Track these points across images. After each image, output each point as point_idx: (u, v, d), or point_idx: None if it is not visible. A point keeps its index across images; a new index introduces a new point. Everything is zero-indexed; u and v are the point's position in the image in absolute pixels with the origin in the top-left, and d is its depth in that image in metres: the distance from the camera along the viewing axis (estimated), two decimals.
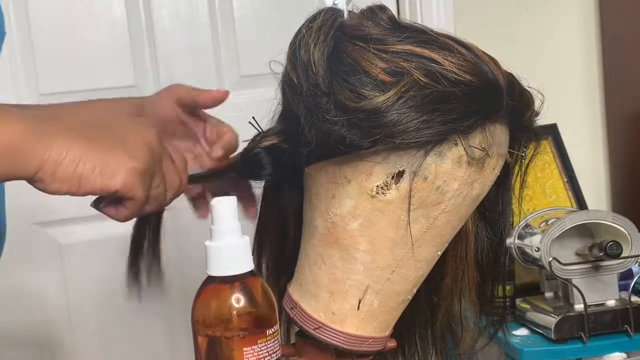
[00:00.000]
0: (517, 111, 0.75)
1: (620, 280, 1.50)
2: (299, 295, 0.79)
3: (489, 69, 0.72)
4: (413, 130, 0.69)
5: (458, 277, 0.83)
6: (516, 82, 0.76)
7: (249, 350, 0.64)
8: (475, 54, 0.73)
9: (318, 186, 0.75)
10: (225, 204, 0.65)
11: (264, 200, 0.86)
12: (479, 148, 0.72)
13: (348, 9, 0.77)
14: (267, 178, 0.84)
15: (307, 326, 0.78)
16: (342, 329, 0.77)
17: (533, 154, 0.81)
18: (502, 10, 2.00)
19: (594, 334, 1.45)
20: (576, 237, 1.48)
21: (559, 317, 1.46)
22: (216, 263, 0.65)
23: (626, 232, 1.43)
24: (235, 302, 0.65)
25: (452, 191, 0.72)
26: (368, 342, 0.78)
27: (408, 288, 0.78)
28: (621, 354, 1.46)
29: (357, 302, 0.76)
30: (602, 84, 2.05)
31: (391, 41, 0.72)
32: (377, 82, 0.70)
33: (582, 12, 2.04)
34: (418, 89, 0.69)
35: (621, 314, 1.46)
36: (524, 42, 1.98)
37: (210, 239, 0.65)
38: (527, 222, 1.54)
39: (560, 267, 1.44)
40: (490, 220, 0.82)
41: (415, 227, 0.73)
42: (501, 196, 0.82)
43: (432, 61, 0.70)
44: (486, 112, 0.72)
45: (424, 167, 0.71)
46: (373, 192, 0.72)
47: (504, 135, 0.75)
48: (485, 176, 0.74)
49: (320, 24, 0.74)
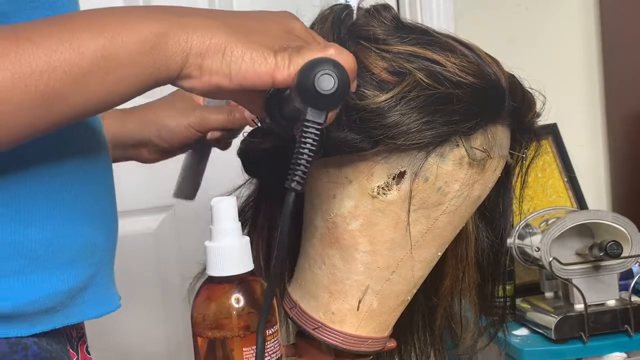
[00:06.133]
0: (518, 113, 0.75)
1: (621, 280, 1.50)
2: (298, 295, 0.79)
3: (492, 70, 0.72)
4: (415, 131, 0.69)
5: (458, 277, 0.83)
6: (518, 83, 0.76)
7: (249, 351, 0.64)
8: (478, 55, 0.73)
9: (319, 186, 0.75)
10: (225, 204, 0.65)
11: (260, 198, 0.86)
12: (481, 149, 0.72)
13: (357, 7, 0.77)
14: (266, 178, 0.84)
15: (306, 326, 0.78)
16: (342, 329, 0.77)
17: (534, 155, 0.81)
18: (502, 10, 2.00)
19: (594, 334, 1.45)
20: (576, 237, 1.48)
21: (559, 317, 1.45)
22: (216, 263, 0.65)
23: (626, 232, 1.43)
24: (235, 302, 0.65)
25: (453, 192, 0.72)
26: (367, 343, 0.78)
27: (408, 288, 0.78)
28: (621, 354, 1.46)
29: (356, 302, 0.76)
30: (602, 84, 2.04)
31: (394, 41, 0.72)
32: (378, 82, 0.70)
33: (582, 12, 2.03)
34: (420, 89, 0.69)
35: (621, 314, 1.46)
36: (524, 42, 1.98)
37: (210, 239, 0.65)
38: (527, 222, 1.54)
39: (560, 267, 1.44)
40: (490, 221, 0.82)
41: (415, 228, 0.73)
42: (502, 197, 0.82)
43: (434, 62, 0.70)
44: (488, 113, 0.72)
45: (425, 168, 0.71)
46: (374, 192, 0.72)
47: (505, 136, 0.75)
48: (486, 177, 0.74)
49: (330, 24, 0.74)
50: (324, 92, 0.56)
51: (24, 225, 0.62)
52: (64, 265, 0.65)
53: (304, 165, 0.58)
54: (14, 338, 0.62)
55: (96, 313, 0.69)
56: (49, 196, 0.63)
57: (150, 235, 1.84)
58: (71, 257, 0.65)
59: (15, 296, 0.62)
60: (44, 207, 0.63)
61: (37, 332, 0.64)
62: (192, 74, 0.58)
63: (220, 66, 0.57)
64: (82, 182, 0.67)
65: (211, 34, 0.57)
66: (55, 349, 0.66)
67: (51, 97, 0.53)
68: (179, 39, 0.56)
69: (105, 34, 0.55)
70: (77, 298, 0.66)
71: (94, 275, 0.68)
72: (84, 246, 0.66)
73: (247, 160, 0.83)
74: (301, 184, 0.58)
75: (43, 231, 0.63)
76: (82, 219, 0.66)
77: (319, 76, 0.56)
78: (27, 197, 0.62)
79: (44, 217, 0.63)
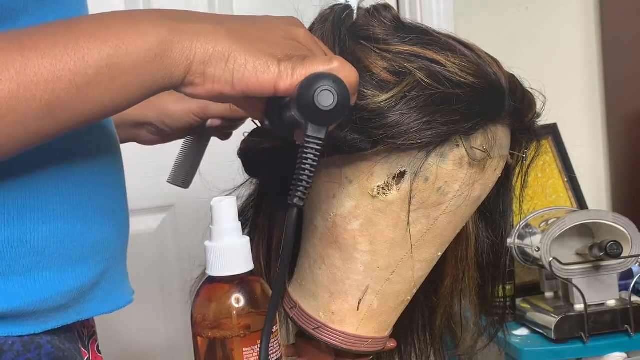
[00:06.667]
0: (519, 113, 0.75)
1: (621, 280, 1.50)
2: (298, 295, 0.79)
3: (492, 70, 0.72)
4: (415, 131, 0.69)
5: (458, 277, 0.83)
6: (518, 83, 0.76)
7: (249, 351, 0.64)
8: (478, 55, 0.73)
9: (319, 186, 0.75)
10: (225, 204, 0.65)
11: (261, 198, 0.86)
12: (481, 149, 0.72)
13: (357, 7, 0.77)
14: (266, 177, 0.84)
15: (306, 326, 0.78)
16: (342, 329, 0.77)
17: (534, 155, 0.81)
18: (502, 10, 2.00)
19: (594, 334, 1.45)
20: (576, 237, 1.48)
21: (559, 317, 1.45)
22: (216, 263, 0.65)
23: (626, 232, 1.43)
24: (235, 302, 0.65)
25: (453, 192, 0.72)
26: (367, 342, 0.78)
27: (408, 288, 0.78)
28: (621, 354, 1.46)
29: (356, 302, 0.76)
30: (602, 84, 2.04)
31: (394, 41, 0.72)
32: (379, 82, 0.70)
33: (582, 12, 2.03)
34: (420, 89, 0.69)
35: (621, 314, 1.46)
36: (524, 42, 1.98)
37: (210, 239, 0.65)
38: (527, 222, 1.54)
39: (560, 267, 1.44)
40: (491, 221, 0.82)
41: (415, 228, 0.73)
42: (502, 197, 0.82)
43: (434, 62, 0.70)
44: (488, 113, 0.72)
45: (425, 168, 0.71)
46: (374, 192, 0.72)
47: (505, 136, 0.75)
48: (486, 177, 0.74)
49: (331, 24, 0.74)
50: (324, 108, 0.56)
51: (36, 223, 0.62)
52: (76, 262, 0.65)
53: (305, 181, 0.58)
54: (28, 336, 0.62)
55: (107, 308, 0.69)
56: (61, 195, 0.64)
57: (150, 235, 1.84)
58: (83, 254, 0.65)
59: (28, 294, 0.62)
60: (55, 206, 0.63)
61: (49, 328, 0.64)
62: (195, 82, 0.58)
63: (223, 74, 0.58)
64: (94, 180, 0.67)
65: (215, 42, 0.57)
66: (68, 348, 0.66)
67: (56, 106, 0.54)
68: (183, 46, 0.57)
69: (109, 42, 0.55)
70: (88, 294, 0.66)
71: (105, 271, 0.68)
72: (95, 244, 0.67)
73: (247, 160, 0.83)
74: (303, 200, 0.58)
75: (54, 229, 0.63)
76: (93, 217, 0.66)
77: (318, 92, 0.56)
78: (38, 196, 0.62)
79: (56, 216, 0.63)
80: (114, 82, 0.55)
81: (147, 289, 1.81)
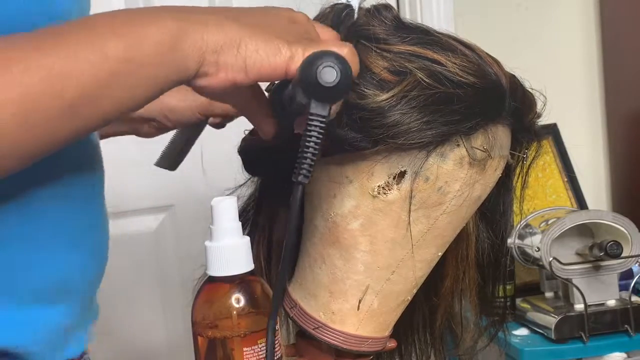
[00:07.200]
0: (519, 113, 0.75)
1: (621, 280, 1.50)
2: (298, 295, 0.79)
3: (492, 70, 0.72)
4: (415, 131, 0.69)
5: (458, 278, 0.83)
6: (519, 83, 0.76)
7: (249, 351, 0.64)
8: (479, 55, 0.73)
9: (319, 185, 0.75)
10: (225, 203, 0.65)
11: (261, 198, 0.86)
12: (481, 149, 0.72)
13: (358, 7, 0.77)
14: (266, 175, 0.84)
15: (306, 326, 0.78)
16: (342, 329, 0.77)
17: (535, 155, 0.81)
18: (502, 10, 2.00)
19: (594, 334, 1.45)
20: (576, 237, 1.48)
21: (559, 317, 1.46)
22: (216, 263, 0.65)
23: (626, 232, 1.43)
24: (235, 302, 0.65)
25: (453, 192, 0.72)
26: (368, 342, 0.78)
27: (408, 288, 0.78)
28: (621, 354, 1.46)
29: (357, 302, 0.76)
30: (602, 84, 2.04)
31: (395, 41, 0.72)
32: (379, 81, 0.70)
33: (582, 12, 2.03)
34: (421, 89, 0.69)
35: (621, 313, 1.46)
36: (524, 42, 1.98)
37: (210, 239, 0.65)
38: (527, 222, 1.54)
39: (560, 267, 1.44)
40: (491, 222, 0.82)
41: (416, 228, 0.73)
42: (502, 197, 0.82)
43: (435, 62, 0.70)
44: (489, 113, 0.72)
45: (425, 167, 0.71)
46: (374, 192, 0.72)
47: (506, 136, 0.75)
48: (486, 177, 0.74)
49: (331, 23, 0.74)
50: (327, 84, 0.56)
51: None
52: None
53: (310, 159, 0.58)
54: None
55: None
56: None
57: (150, 235, 1.84)
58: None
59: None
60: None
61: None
62: (209, 72, 0.58)
63: (235, 61, 0.57)
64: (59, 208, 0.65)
65: (224, 30, 0.57)
66: None
67: (79, 104, 0.54)
68: (194, 37, 0.57)
69: (124, 37, 0.55)
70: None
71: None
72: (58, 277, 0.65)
73: (247, 158, 0.82)
74: (308, 177, 0.58)
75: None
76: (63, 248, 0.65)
77: (321, 68, 0.56)
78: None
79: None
80: (131, 77, 0.55)
81: (147, 289, 1.81)
